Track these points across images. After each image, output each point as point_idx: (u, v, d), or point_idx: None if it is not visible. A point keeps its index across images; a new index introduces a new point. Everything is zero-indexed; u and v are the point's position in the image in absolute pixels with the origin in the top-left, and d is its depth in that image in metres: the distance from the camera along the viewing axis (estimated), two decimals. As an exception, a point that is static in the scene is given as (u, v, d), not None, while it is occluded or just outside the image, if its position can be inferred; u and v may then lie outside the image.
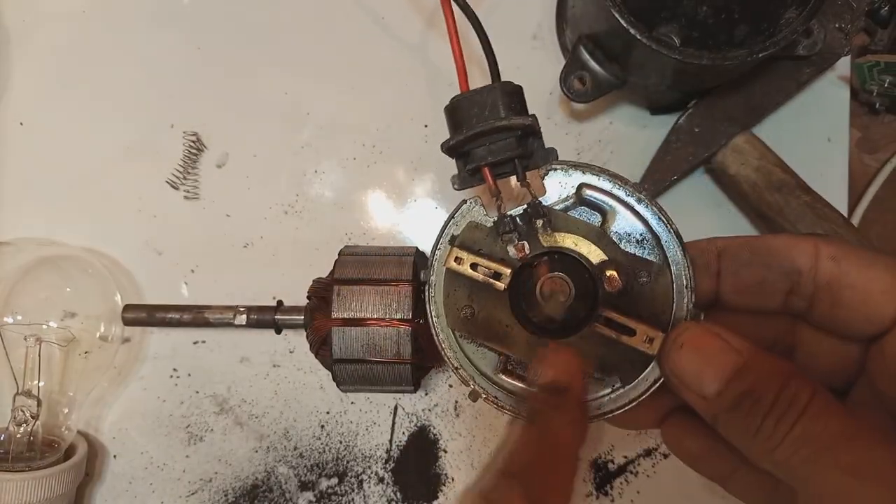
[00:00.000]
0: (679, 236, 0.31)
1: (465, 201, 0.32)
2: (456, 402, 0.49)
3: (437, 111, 0.52)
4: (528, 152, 0.31)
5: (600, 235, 0.31)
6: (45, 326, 0.47)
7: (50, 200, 0.51)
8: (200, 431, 0.50)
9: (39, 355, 0.46)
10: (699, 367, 0.27)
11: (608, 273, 0.30)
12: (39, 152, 0.51)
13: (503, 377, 0.32)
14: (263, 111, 0.51)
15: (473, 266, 0.31)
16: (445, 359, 0.33)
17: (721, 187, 0.50)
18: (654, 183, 0.47)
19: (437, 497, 0.49)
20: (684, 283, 0.30)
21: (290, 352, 0.50)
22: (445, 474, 0.49)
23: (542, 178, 0.32)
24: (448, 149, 0.31)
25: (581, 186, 0.32)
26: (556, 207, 0.32)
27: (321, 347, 0.42)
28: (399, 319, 0.40)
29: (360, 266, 0.42)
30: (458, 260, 0.31)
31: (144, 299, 0.50)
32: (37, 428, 0.46)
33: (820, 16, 0.38)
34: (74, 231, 0.50)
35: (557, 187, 0.32)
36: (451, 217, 0.32)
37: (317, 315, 0.42)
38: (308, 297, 0.44)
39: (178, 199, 0.51)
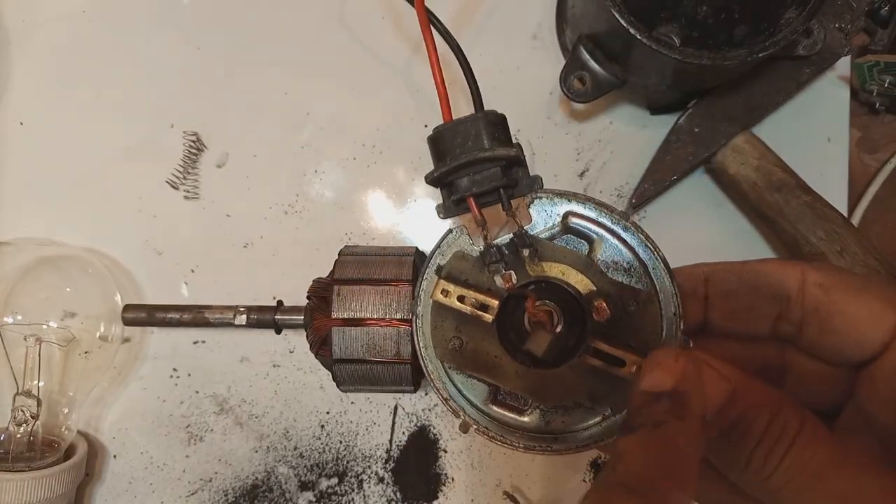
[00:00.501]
0: (666, 263, 0.31)
1: (450, 230, 0.32)
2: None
3: (437, 111, 0.52)
4: (514, 181, 0.31)
5: (588, 264, 0.31)
6: (45, 326, 0.47)
7: (50, 200, 0.51)
8: (200, 431, 0.50)
9: (39, 355, 0.46)
10: (693, 402, 0.26)
11: (596, 303, 0.30)
12: (39, 152, 0.51)
13: (493, 407, 0.32)
14: (263, 111, 0.51)
15: (461, 298, 0.31)
16: (435, 390, 0.33)
17: (721, 187, 0.50)
18: (654, 183, 0.47)
19: (437, 497, 0.49)
20: (672, 311, 0.30)
21: (290, 352, 0.50)
22: (445, 474, 0.49)
23: (528, 207, 0.31)
24: (432, 180, 0.31)
25: (567, 215, 0.31)
26: (543, 236, 0.31)
27: (321, 347, 0.42)
28: (399, 319, 0.40)
29: (360, 266, 0.42)
30: (444, 293, 0.31)
31: (144, 299, 0.50)
32: (37, 428, 0.46)
33: (820, 16, 0.38)
34: (74, 231, 0.50)
35: (543, 216, 0.32)
36: (437, 247, 0.32)
37: (317, 315, 0.42)
38: (308, 297, 0.44)
39: (179, 199, 0.51)
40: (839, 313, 0.27)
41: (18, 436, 0.45)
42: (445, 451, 0.49)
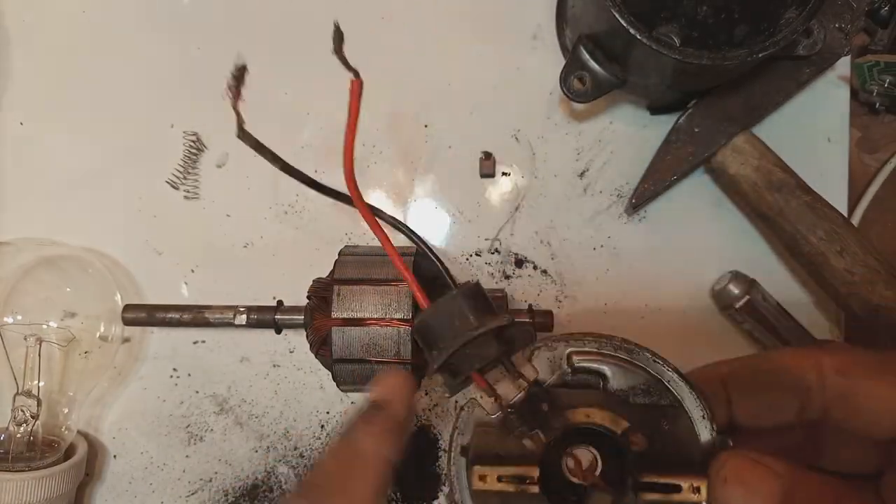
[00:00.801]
0: (680, 373, 0.30)
1: (462, 407, 0.31)
2: (455, 402, 0.49)
3: (437, 111, 0.52)
4: (510, 341, 0.30)
5: (607, 398, 0.30)
6: (45, 326, 0.47)
7: (50, 200, 0.51)
8: (200, 431, 0.50)
9: (39, 355, 0.46)
10: (746, 499, 0.26)
11: (631, 436, 0.29)
12: (39, 152, 0.51)
13: None
14: (264, 111, 0.51)
15: (500, 478, 0.30)
16: None
17: (721, 187, 0.50)
18: (654, 183, 0.47)
19: (436, 497, 0.49)
20: (701, 415, 0.30)
21: (290, 352, 0.50)
22: (445, 474, 0.49)
23: (530, 361, 0.30)
24: (435, 372, 0.30)
25: (570, 355, 0.31)
26: (554, 383, 0.31)
27: (321, 347, 0.42)
28: (399, 319, 0.40)
29: (360, 266, 0.42)
30: (482, 478, 0.30)
31: (144, 299, 0.50)
32: (37, 428, 0.46)
33: (820, 16, 0.38)
34: (74, 231, 0.50)
35: (547, 364, 0.31)
36: (455, 427, 0.31)
37: (317, 315, 0.42)
38: (308, 297, 0.44)
39: (179, 199, 0.51)
40: (864, 396, 0.27)
41: (18, 436, 0.45)
42: (445, 451, 0.49)
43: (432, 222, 0.50)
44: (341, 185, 0.51)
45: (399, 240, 0.50)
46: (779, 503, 0.25)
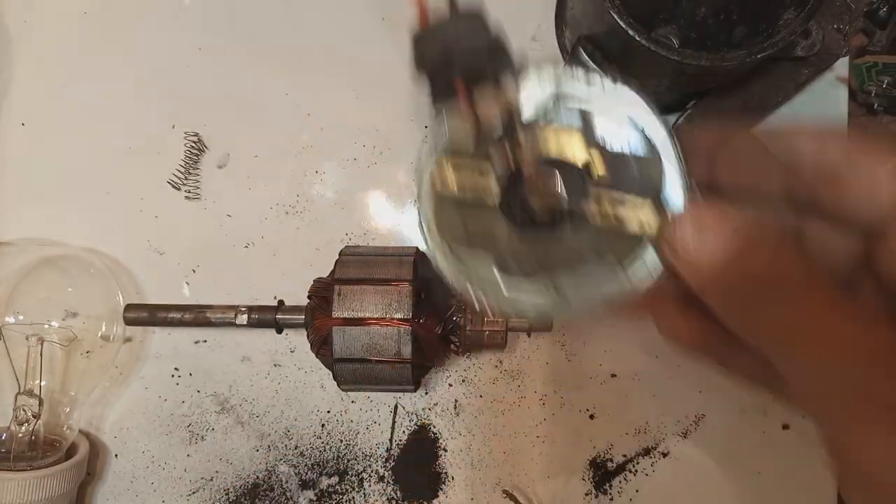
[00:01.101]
0: (665, 122, 0.30)
1: (442, 118, 0.31)
2: (456, 401, 0.50)
3: (437, 112, 0.52)
4: (501, 65, 0.30)
5: (584, 136, 0.30)
6: (46, 326, 0.47)
7: (51, 200, 0.51)
8: (201, 430, 0.50)
9: (41, 355, 0.47)
10: (694, 237, 0.26)
11: (595, 170, 0.30)
12: (41, 152, 0.51)
13: (500, 276, 0.31)
14: (264, 112, 0.51)
15: (460, 186, 0.31)
16: (451, 283, 0.32)
17: (720, 187, 0.50)
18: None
19: (437, 496, 0.49)
20: (676, 170, 0.29)
21: (291, 351, 0.50)
22: (445, 473, 0.49)
23: (518, 87, 0.30)
24: (420, 69, 0.31)
25: (557, 89, 0.31)
26: (536, 114, 0.31)
27: (322, 347, 0.42)
28: (399, 319, 0.41)
29: (361, 266, 0.43)
30: (443, 183, 0.31)
31: (146, 299, 0.50)
32: (38, 427, 0.46)
33: (818, 17, 0.38)
34: (76, 231, 0.50)
35: (536, 93, 0.31)
36: (432, 137, 0.31)
37: (317, 315, 0.42)
38: (309, 297, 0.44)
39: (180, 199, 0.51)
40: (853, 173, 0.25)
41: (20, 435, 0.45)
42: (445, 450, 0.49)
43: (432, 222, 0.50)
44: (343, 187, 0.51)
45: (399, 240, 0.50)
46: (729, 239, 0.24)
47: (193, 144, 0.50)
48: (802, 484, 0.49)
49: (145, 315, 0.46)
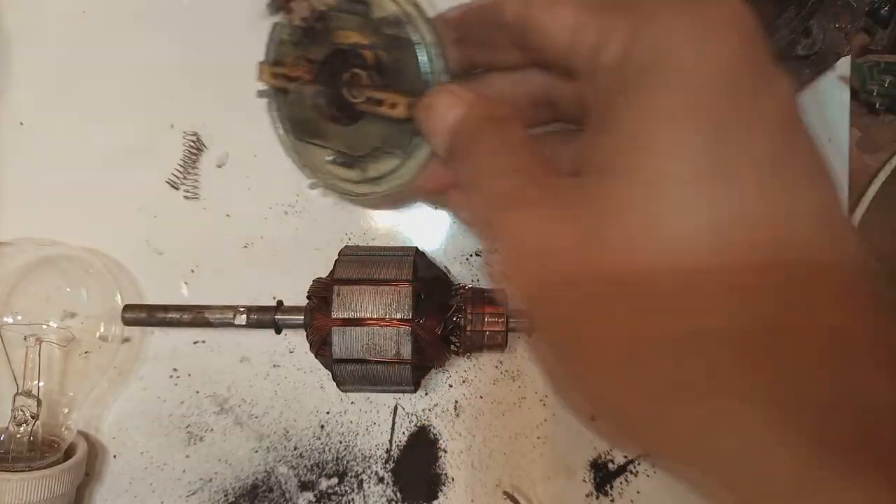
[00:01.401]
0: (423, 11, 0.35)
1: (276, 23, 0.38)
2: (456, 402, 0.49)
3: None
4: None
5: (364, 24, 0.36)
6: (45, 326, 0.47)
7: (50, 200, 0.51)
8: (200, 431, 0.50)
9: (39, 355, 0.46)
10: (434, 123, 0.31)
11: (366, 54, 0.35)
12: (39, 152, 0.51)
13: (333, 167, 0.39)
14: (264, 111, 0.51)
15: (277, 76, 0.38)
16: (291, 159, 0.41)
17: (721, 187, 0.49)
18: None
19: (436, 497, 0.49)
20: (435, 53, 0.34)
21: (291, 352, 0.50)
22: (445, 474, 0.49)
23: None
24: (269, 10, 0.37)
25: None
26: (331, 9, 0.36)
27: (321, 347, 0.42)
28: (399, 319, 0.40)
29: (361, 266, 0.43)
30: (263, 73, 0.38)
31: (144, 299, 0.50)
32: (37, 428, 0.46)
33: (819, 16, 0.38)
34: (74, 231, 0.50)
35: None
36: (270, 39, 0.39)
37: (317, 315, 0.42)
38: (308, 297, 0.44)
39: (179, 199, 0.51)
40: (541, 28, 0.27)
41: (18, 436, 0.45)
42: (445, 452, 0.49)
43: (433, 222, 0.50)
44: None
45: (399, 240, 0.50)
46: (452, 127, 0.29)
47: (192, 144, 0.50)
48: (804, 485, 0.49)
49: (144, 315, 0.46)
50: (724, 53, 0.22)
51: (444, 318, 0.42)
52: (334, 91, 0.37)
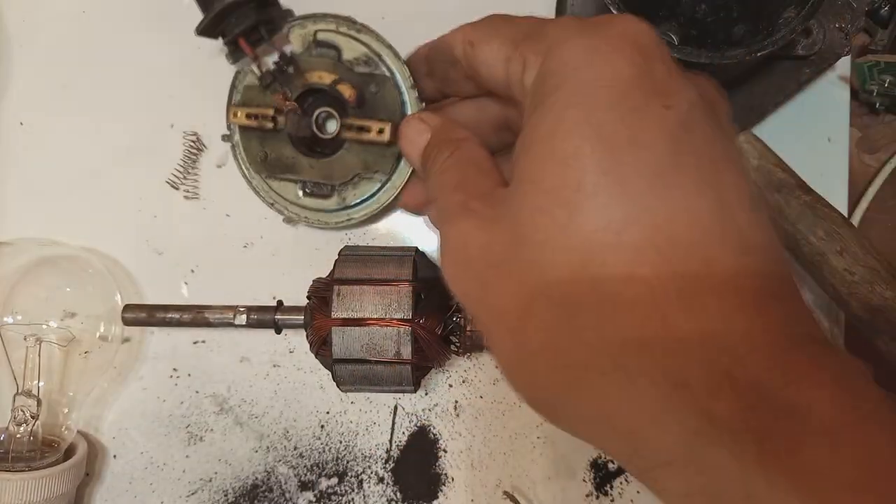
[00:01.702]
0: (394, 50, 0.40)
1: (239, 71, 0.42)
2: (456, 402, 0.49)
3: (437, 111, 0.51)
4: (270, 18, 0.39)
5: (337, 65, 0.40)
6: (45, 326, 0.47)
7: (50, 200, 0.51)
8: (200, 431, 0.50)
9: (39, 355, 0.46)
10: (409, 147, 0.36)
11: (344, 90, 0.40)
12: (39, 152, 0.51)
13: (306, 200, 0.43)
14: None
15: (251, 117, 0.40)
16: (261, 198, 0.44)
17: (721, 187, 0.49)
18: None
19: (437, 497, 0.49)
20: (408, 85, 0.40)
21: (290, 352, 0.50)
22: (445, 474, 0.49)
23: (287, 35, 0.41)
24: (201, 32, 0.40)
25: (315, 32, 0.41)
26: (301, 54, 0.41)
27: (321, 347, 0.42)
28: (399, 319, 0.40)
29: (360, 266, 0.42)
30: (235, 115, 0.41)
31: (144, 299, 0.50)
32: (37, 428, 0.46)
33: (819, 15, 0.38)
34: (74, 231, 0.50)
35: (300, 39, 0.41)
36: (233, 86, 0.42)
37: (317, 315, 0.42)
38: (308, 297, 0.44)
39: (178, 199, 0.51)
40: (484, 64, 0.31)
41: (18, 436, 0.45)
42: (445, 451, 0.49)
43: (433, 222, 0.50)
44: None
45: (399, 240, 0.50)
46: (421, 150, 0.34)
47: (192, 144, 0.50)
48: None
49: (144, 315, 0.46)
50: (616, 70, 0.24)
51: (444, 318, 0.42)
52: (308, 129, 0.41)
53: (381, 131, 0.39)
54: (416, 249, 0.45)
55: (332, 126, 0.41)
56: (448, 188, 0.30)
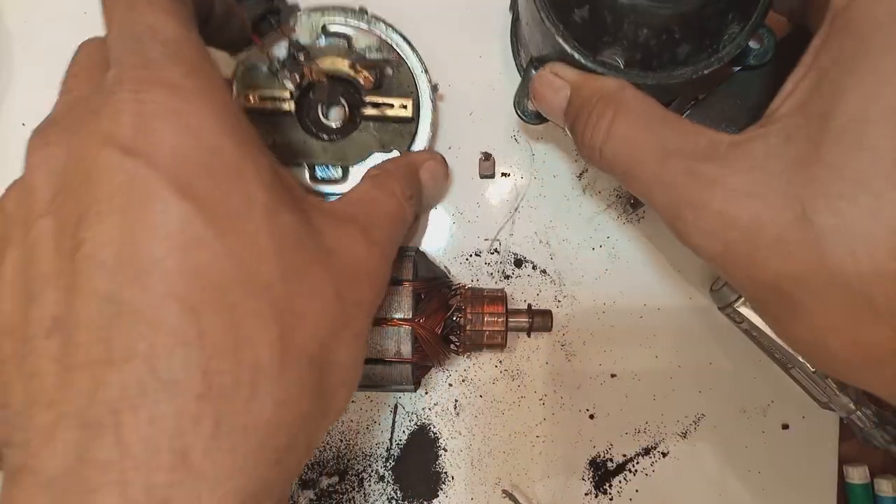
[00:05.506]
0: (405, 36, 0.43)
1: (240, 60, 0.42)
2: (456, 400, 0.50)
3: (437, 112, 0.52)
4: (277, 10, 0.41)
5: (349, 53, 0.42)
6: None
7: (51, 200, 0.51)
8: (202, 430, 0.50)
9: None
10: (547, 108, 0.36)
11: (361, 74, 0.41)
12: (41, 152, 0.51)
13: (313, 184, 0.43)
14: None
15: (261, 99, 0.41)
16: None
17: (719, 187, 0.50)
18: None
19: (437, 495, 0.49)
20: (420, 69, 0.43)
21: (291, 351, 0.50)
22: (445, 473, 0.49)
23: (294, 25, 0.42)
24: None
25: (324, 24, 0.42)
26: (311, 43, 0.42)
27: (322, 347, 0.42)
28: (399, 319, 0.41)
29: (361, 266, 0.43)
30: (247, 98, 0.41)
31: (146, 299, 0.50)
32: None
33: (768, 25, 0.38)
34: (76, 231, 0.50)
35: (309, 29, 0.42)
36: (233, 75, 0.42)
37: (317, 315, 0.42)
38: (309, 297, 0.44)
39: (180, 199, 0.51)
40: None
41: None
42: (445, 450, 0.49)
43: (433, 222, 0.50)
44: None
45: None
46: (564, 105, 0.35)
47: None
48: (802, 484, 0.49)
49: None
50: None
51: (444, 317, 0.42)
52: (315, 115, 0.43)
53: (403, 106, 0.42)
54: (416, 249, 0.46)
55: (337, 114, 0.43)
56: (648, 157, 0.28)
